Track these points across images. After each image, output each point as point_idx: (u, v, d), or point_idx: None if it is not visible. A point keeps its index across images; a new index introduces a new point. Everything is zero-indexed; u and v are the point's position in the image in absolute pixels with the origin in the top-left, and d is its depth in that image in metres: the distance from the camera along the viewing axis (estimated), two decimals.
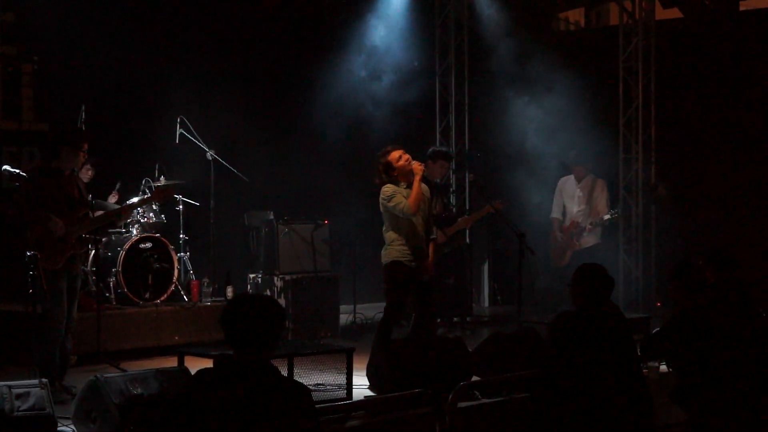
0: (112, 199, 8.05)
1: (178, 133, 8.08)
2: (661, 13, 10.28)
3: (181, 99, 8.64)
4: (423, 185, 6.32)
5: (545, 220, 9.34)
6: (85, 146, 6.07)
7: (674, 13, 10.31)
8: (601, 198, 8.91)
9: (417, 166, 6.25)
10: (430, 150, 8.18)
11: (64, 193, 5.98)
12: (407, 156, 6.26)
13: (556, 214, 9.06)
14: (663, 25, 10.24)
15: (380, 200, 6.33)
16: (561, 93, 10.00)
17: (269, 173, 9.44)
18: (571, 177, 9.02)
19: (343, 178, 9.84)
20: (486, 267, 10.83)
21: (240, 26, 9.49)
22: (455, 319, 9.02)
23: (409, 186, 6.28)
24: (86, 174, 7.47)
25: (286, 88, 9.81)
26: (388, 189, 6.28)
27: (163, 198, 7.04)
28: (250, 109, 9.50)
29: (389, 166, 6.26)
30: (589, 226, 8.75)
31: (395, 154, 6.26)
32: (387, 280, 6.36)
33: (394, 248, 6.30)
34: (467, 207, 10.45)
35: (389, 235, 6.33)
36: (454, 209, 10.22)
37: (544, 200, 9.34)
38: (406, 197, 6.23)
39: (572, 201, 8.99)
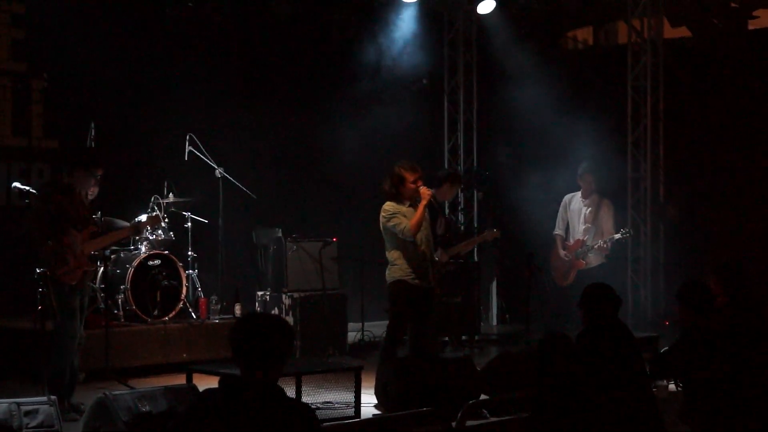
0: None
1: (187, 150, 8.14)
2: (670, 32, 10.25)
3: (190, 116, 8.70)
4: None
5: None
6: (100, 171, 6.13)
7: (683, 31, 10.29)
8: (607, 218, 8.84)
9: (425, 191, 6.24)
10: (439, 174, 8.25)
11: (75, 210, 6.03)
12: (420, 183, 6.26)
13: (559, 230, 8.97)
14: (671, 44, 10.23)
15: (380, 217, 6.35)
16: (569, 111, 9.99)
17: (277, 191, 9.53)
18: (578, 194, 8.97)
19: (351, 195, 9.87)
20: (494, 285, 10.80)
21: (248, 45, 9.54)
22: (463, 337, 9.01)
23: (412, 206, 6.30)
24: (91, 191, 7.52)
25: (293, 105, 9.83)
26: (389, 207, 6.30)
27: (156, 223, 7.17)
28: (259, 127, 9.56)
29: (401, 181, 6.27)
30: (603, 245, 8.66)
31: (413, 176, 6.26)
32: (390, 299, 6.39)
33: (397, 267, 6.33)
34: (476, 225, 10.47)
35: (392, 255, 6.35)
36: (462, 227, 10.25)
37: (552, 218, 9.34)
38: (406, 215, 6.24)
39: (578, 218, 8.91)
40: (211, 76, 9.16)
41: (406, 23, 10.00)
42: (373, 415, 5.93)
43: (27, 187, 6.19)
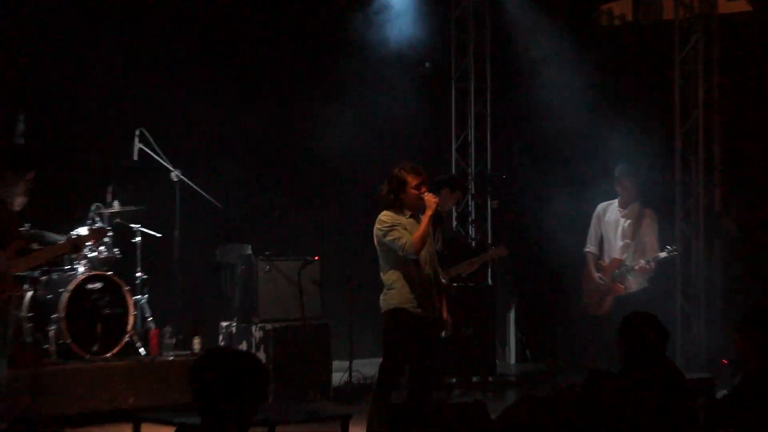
0: None
1: (136, 148, 8.13)
2: (726, 6, 10.25)
3: (141, 107, 8.68)
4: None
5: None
6: (30, 174, 6.13)
7: (741, 5, 10.29)
8: (651, 232, 8.80)
9: (430, 199, 6.26)
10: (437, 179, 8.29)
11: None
12: (425, 189, 6.30)
13: (591, 247, 8.97)
14: (728, 20, 10.23)
15: (374, 231, 6.34)
16: (604, 102, 10.02)
17: (248, 198, 9.51)
18: (614, 203, 8.96)
19: (338, 204, 9.95)
20: (512, 314, 10.80)
21: (213, 20, 9.52)
22: (474, 378, 9.03)
23: (413, 216, 6.33)
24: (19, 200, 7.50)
25: (269, 94, 9.84)
26: (386, 218, 6.30)
27: (100, 238, 7.16)
28: (226, 120, 9.55)
29: (402, 186, 6.29)
30: (646, 265, 8.68)
31: (416, 181, 6.29)
32: (386, 331, 6.37)
33: (395, 292, 6.31)
34: (489, 241, 10.46)
35: (389, 277, 6.34)
36: (473, 243, 10.25)
37: (583, 232, 9.32)
38: (407, 228, 6.26)
39: (614, 232, 8.87)
40: (166, 57, 9.10)
41: None
42: None
43: None
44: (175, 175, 8.22)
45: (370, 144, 9.89)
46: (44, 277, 7.71)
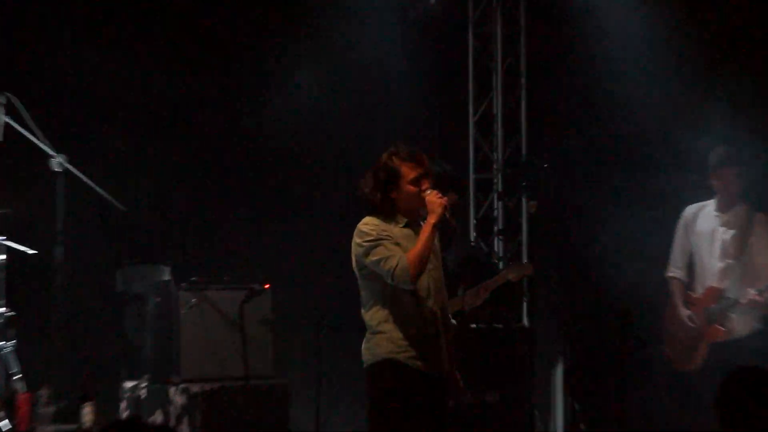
0: None
1: (1, 122, 8.08)
2: None
3: (8, 64, 8.97)
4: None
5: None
6: None
7: None
8: (764, 247, 8.74)
9: (434, 199, 6.23)
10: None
11: None
12: (427, 184, 6.28)
13: (676, 270, 8.95)
14: None
15: (353, 246, 6.27)
16: (690, 59, 9.95)
17: (165, 199, 9.71)
18: (709, 204, 8.89)
19: (298, 209, 10.04)
20: (559, 370, 10.67)
21: None
22: None
23: (410, 225, 6.30)
24: None
25: (199, 48, 9.96)
26: (369, 228, 6.26)
27: None
28: (134, 84, 9.63)
29: (394, 180, 6.28)
30: (758, 296, 8.48)
31: (414, 172, 6.26)
32: (372, 394, 6.33)
33: (383, 337, 6.28)
34: (525, 258, 10.58)
35: (374, 315, 6.32)
36: (500, 263, 10.30)
37: (663, 249, 9.20)
38: (400, 243, 6.20)
39: (710, 248, 8.81)
40: None
41: None
42: None
43: None
44: (57, 162, 8.21)
45: (346, 118, 10.03)
46: None
